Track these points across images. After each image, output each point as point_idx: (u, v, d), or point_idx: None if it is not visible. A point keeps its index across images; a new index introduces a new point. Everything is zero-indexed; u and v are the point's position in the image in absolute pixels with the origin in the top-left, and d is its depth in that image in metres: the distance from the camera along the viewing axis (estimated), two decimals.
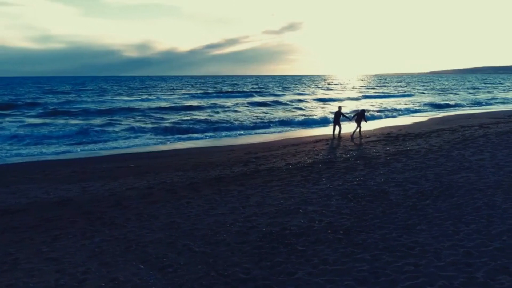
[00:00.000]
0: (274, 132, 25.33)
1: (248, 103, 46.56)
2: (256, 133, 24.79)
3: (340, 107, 21.43)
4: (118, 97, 54.44)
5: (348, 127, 21.66)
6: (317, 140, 19.72)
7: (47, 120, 29.75)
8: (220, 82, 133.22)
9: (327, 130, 25.11)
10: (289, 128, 27.04)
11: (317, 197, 9.48)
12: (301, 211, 8.59)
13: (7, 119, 31.36)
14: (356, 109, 31.90)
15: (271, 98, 53.46)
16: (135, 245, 7.15)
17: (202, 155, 16.78)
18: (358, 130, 20.42)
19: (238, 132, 25.01)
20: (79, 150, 18.90)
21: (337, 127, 20.38)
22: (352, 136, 20.25)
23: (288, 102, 47.28)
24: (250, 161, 14.49)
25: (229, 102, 48.27)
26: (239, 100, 50.15)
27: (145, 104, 43.62)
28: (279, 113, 36.42)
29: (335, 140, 19.34)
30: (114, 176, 12.83)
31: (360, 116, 20.62)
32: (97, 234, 7.71)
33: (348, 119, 21.82)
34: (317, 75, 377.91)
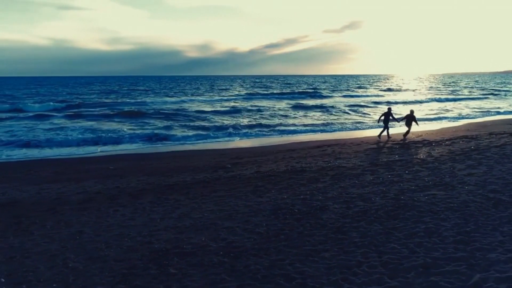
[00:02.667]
0: (284, 135, 24.47)
1: (287, 104, 45.69)
2: (264, 136, 24.14)
3: (389, 108, 20.30)
4: (160, 98, 55.89)
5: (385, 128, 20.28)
6: (319, 145, 18.66)
7: (75, 122, 31.21)
8: (274, 82, 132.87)
9: (346, 135, 23.86)
10: (307, 132, 25.89)
11: (246, 212, 8.75)
12: (214, 227, 7.94)
13: (50, 120, 33.29)
14: (406, 113, 29.81)
15: (312, 101, 51.36)
16: (20, 255, 6.97)
17: (188, 159, 16.52)
18: (407, 131, 19.73)
19: (244, 136, 24.30)
20: (80, 151, 19.49)
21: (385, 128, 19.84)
22: (404, 136, 19.69)
23: (333, 105, 44.38)
24: (223, 167, 13.95)
25: (267, 103, 47.72)
26: (279, 103, 48.19)
27: (179, 106, 44.54)
28: (309, 116, 35.03)
29: (381, 142, 18.74)
30: (81, 178, 12.95)
31: (410, 118, 19.50)
32: None
33: (397, 121, 20.74)
34: (378, 75, 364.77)
